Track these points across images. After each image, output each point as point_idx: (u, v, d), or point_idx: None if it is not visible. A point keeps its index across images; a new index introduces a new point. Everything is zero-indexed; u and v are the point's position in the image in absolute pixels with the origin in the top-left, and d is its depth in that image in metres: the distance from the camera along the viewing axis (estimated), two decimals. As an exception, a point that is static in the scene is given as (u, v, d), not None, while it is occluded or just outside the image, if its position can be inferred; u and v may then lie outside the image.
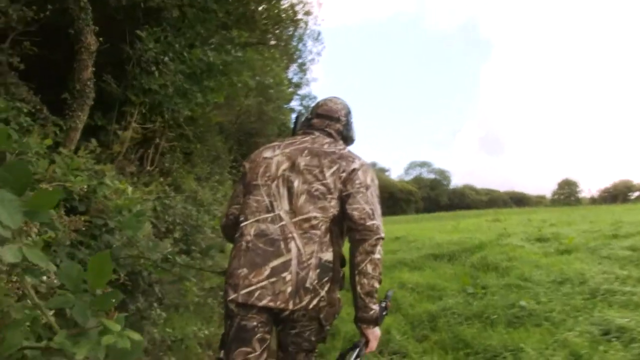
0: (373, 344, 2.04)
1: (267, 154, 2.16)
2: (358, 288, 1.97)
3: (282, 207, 2.01)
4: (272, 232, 1.97)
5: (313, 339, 2.05)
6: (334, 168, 2.04)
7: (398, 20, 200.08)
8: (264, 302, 1.88)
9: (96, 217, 3.24)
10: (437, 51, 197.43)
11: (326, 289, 1.93)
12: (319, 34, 20.86)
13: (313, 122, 2.31)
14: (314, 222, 1.96)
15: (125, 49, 5.78)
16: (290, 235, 1.95)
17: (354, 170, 2.04)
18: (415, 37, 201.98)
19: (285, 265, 1.90)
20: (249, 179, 2.15)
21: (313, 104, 2.48)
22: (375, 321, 2.00)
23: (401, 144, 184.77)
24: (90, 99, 4.89)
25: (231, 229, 2.17)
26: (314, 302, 1.91)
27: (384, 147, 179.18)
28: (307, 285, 1.89)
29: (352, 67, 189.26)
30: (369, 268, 1.95)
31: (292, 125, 2.60)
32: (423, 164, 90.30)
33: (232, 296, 1.93)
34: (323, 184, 2.01)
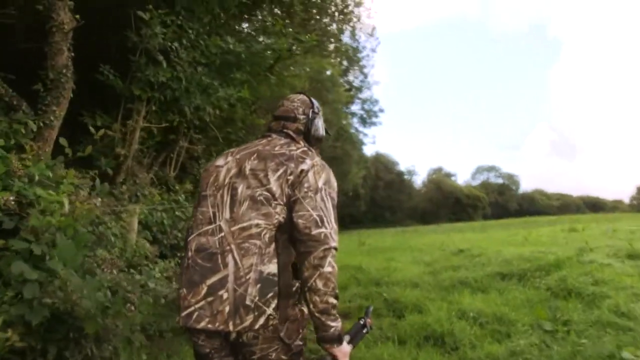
0: None
1: (220, 161, 2.02)
2: (311, 307, 1.76)
3: (224, 216, 1.84)
4: (211, 246, 1.79)
5: (284, 357, 1.81)
6: (280, 171, 1.84)
7: (462, 22, 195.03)
8: (202, 325, 1.72)
9: (22, 240, 2.36)
10: (503, 52, 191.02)
11: (273, 305, 1.72)
12: (373, 28, 19.61)
13: (271, 125, 2.17)
14: (255, 230, 1.77)
15: (130, 36, 4.95)
16: (228, 247, 1.76)
17: (302, 172, 1.83)
18: (480, 39, 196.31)
19: (222, 282, 1.73)
20: (200, 190, 2.00)
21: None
22: (339, 339, 1.81)
23: (468, 148, 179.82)
24: (67, 89, 4.08)
25: None
26: (261, 321, 1.71)
27: (450, 151, 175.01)
28: (247, 302, 1.70)
29: (416, 71, 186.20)
30: (319, 284, 1.73)
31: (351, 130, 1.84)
32: (490, 169, 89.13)
33: (178, 319, 1.79)
34: (267, 189, 1.82)
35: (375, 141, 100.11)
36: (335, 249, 1.78)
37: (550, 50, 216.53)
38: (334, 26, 16.09)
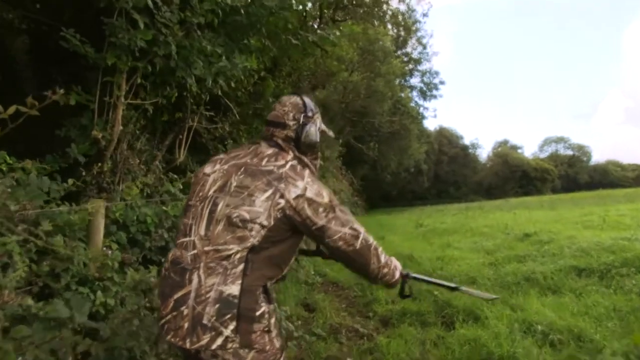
0: None
1: (208, 169, 1.98)
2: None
3: (199, 232, 1.79)
4: (184, 260, 1.77)
5: None
6: (269, 192, 1.78)
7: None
8: (168, 337, 1.73)
9: None
10: (573, 16, 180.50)
11: (232, 327, 1.66)
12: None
13: (263, 130, 2.09)
14: (227, 252, 1.72)
15: (102, -8, 4.01)
16: (197, 265, 1.73)
17: (300, 197, 1.79)
18: (548, 3, 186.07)
19: (185, 299, 1.70)
20: (187, 198, 1.99)
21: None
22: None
23: (534, 120, 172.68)
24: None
25: None
26: (218, 341, 1.66)
27: (516, 123, 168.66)
28: (204, 321, 1.66)
29: (480, 42, 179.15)
30: (385, 270, 1.98)
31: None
32: (559, 140, 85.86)
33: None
34: (248, 211, 1.75)
35: (436, 115, 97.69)
36: (375, 243, 1.94)
37: (623, 10, 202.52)
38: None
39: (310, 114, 2.07)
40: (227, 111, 6.84)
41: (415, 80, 43.55)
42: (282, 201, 1.76)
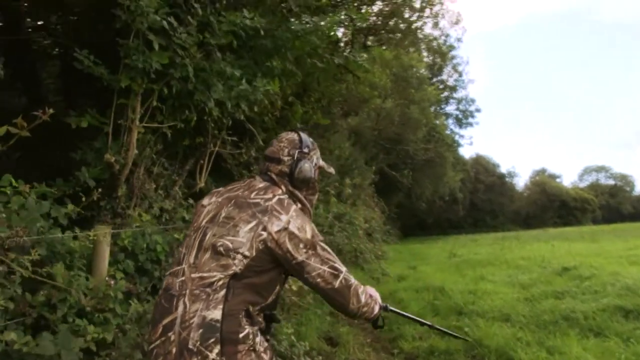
0: None
1: (206, 201, 2.08)
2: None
3: (189, 260, 1.86)
4: (172, 287, 1.83)
5: None
6: (253, 224, 1.84)
7: (567, 14, 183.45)
8: None
9: None
10: (612, 43, 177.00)
11: (216, 350, 1.69)
12: (458, 14, 17.82)
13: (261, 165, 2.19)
14: (210, 280, 1.77)
15: (118, 14, 3.90)
16: (184, 292, 1.78)
17: (282, 231, 1.83)
18: (587, 30, 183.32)
19: (172, 324, 1.75)
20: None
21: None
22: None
23: (573, 148, 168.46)
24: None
25: None
26: None
27: (555, 151, 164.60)
28: (190, 346, 1.69)
29: (517, 69, 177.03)
30: (365, 309, 2.01)
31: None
32: (600, 169, 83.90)
33: None
34: (232, 240, 1.81)
35: (472, 142, 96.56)
36: (356, 284, 1.97)
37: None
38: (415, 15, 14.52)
39: (306, 150, 2.10)
40: (252, 136, 6.68)
41: (450, 108, 43.21)
42: (264, 233, 1.81)
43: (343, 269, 1.93)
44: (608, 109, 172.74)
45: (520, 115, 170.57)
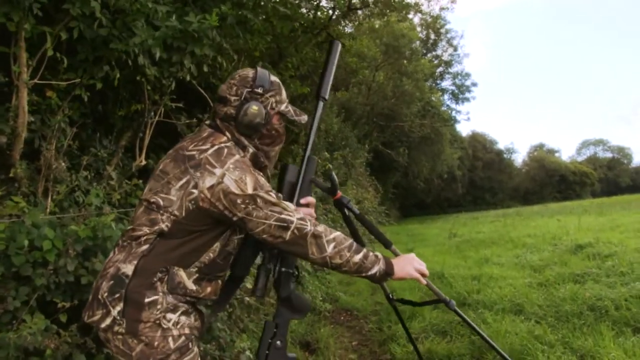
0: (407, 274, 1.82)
1: (163, 157, 1.87)
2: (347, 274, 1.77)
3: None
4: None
5: None
6: (183, 181, 1.66)
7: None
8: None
9: None
10: (611, 14, 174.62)
11: (118, 308, 1.59)
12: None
13: None
14: (138, 233, 1.68)
15: None
16: (117, 243, 1.75)
17: (215, 186, 1.62)
18: (585, 6, 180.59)
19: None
20: None
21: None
22: (387, 274, 1.76)
23: (571, 123, 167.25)
24: None
25: None
26: (107, 321, 1.60)
27: (552, 126, 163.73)
28: (99, 296, 1.63)
29: (516, 45, 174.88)
30: (337, 262, 1.69)
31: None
32: (598, 142, 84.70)
33: None
34: (163, 198, 1.67)
35: (469, 118, 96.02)
36: (313, 231, 1.66)
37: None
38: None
39: (259, 89, 1.80)
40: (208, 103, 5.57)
41: (446, 83, 42.12)
42: (195, 191, 1.64)
43: (293, 218, 1.65)
44: (606, 83, 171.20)
45: (518, 92, 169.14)
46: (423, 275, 1.88)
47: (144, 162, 4.63)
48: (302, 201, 1.94)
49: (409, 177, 35.95)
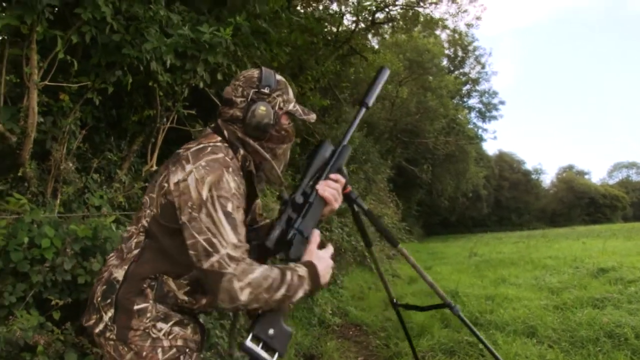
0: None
1: None
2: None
3: None
4: None
5: None
6: (162, 177, 1.65)
7: (597, 7, 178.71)
8: None
9: None
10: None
11: (110, 314, 1.57)
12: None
13: None
14: (128, 234, 1.69)
15: None
16: (116, 248, 1.75)
17: (179, 183, 1.55)
18: (617, 24, 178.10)
19: None
20: None
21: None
22: (314, 292, 1.65)
23: (602, 145, 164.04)
24: None
25: None
26: (100, 326, 1.58)
27: (583, 147, 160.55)
28: (94, 301, 1.63)
29: (547, 64, 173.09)
30: (254, 306, 1.51)
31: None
32: (631, 165, 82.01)
33: None
34: (149, 196, 1.68)
35: (496, 137, 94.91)
36: (234, 274, 1.46)
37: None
38: None
39: (265, 89, 1.73)
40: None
41: (473, 101, 41.86)
42: (166, 185, 1.60)
43: (223, 250, 1.47)
44: (638, 104, 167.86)
45: (548, 111, 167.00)
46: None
47: (154, 167, 4.65)
48: (332, 176, 1.83)
49: (433, 194, 35.60)
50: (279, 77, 1.80)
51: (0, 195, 3.24)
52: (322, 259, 1.70)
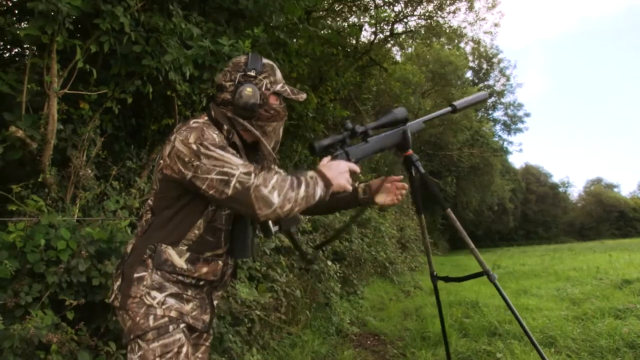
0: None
1: None
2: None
3: None
4: None
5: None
6: (157, 157, 1.83)
7: (623, 15, 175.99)
8: None
9: None
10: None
11: (117, 284, 1.72)
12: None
13: None
14: (143, 211, 1.83)
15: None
16: None
17: (171, 151, 1.66)
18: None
19: None
20: None
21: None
22: (327, 189, 1.72)
23: (633, 156, 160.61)
24: None
25: None
26: (112, 297, 1.74)
27: (612, 160, 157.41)
28: (115, 269, 1.80)
29: (575, 76, 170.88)
30: (287, 208, 1.61)
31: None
32: None
33: None
34: (153, 179, 1.82)
35: (522, 149, 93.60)
36: (257, 183, 1.58)
37: None
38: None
39: (252, 72, 1.83)
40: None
41: (498, 114, 41.49)
42: (162, 162, 1.72)
43: (236, 170, 1.59)
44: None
45: (576, 123, 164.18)
46: (354, 172, 1.86)
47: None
48: (352, 165, 1.89)
49: (458, 207, 35.23)
50: (265, 60, 1.89)
51: (20, 200, 3.35)
52: (331, 167, 1.79)
